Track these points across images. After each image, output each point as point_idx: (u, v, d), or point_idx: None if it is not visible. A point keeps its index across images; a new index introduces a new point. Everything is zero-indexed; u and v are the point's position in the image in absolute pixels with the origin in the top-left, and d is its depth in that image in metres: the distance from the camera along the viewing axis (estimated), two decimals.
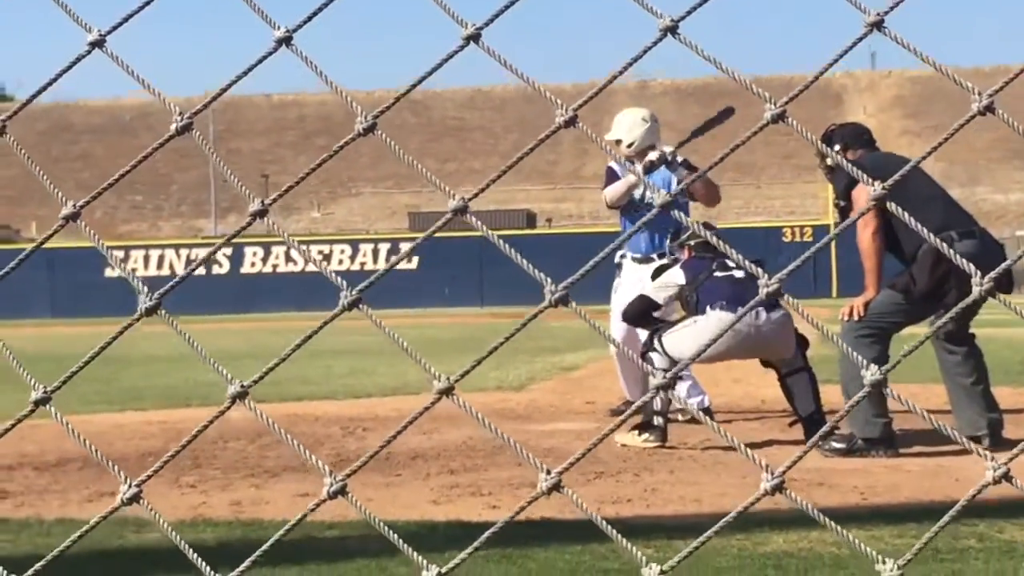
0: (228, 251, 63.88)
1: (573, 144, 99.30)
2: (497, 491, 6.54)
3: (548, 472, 1.63)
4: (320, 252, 63.55)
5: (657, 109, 10.27)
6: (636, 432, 8.17)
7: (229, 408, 1.75)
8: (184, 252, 65.10)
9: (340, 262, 63.68)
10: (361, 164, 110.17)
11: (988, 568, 4.69)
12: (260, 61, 1.98)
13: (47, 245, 2.29)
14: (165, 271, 64.06)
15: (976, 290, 1.57)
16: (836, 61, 1.74)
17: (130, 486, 1.71)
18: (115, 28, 2.03)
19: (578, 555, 4.87)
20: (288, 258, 62.44)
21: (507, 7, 1.89)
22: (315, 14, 1.98)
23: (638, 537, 5.11)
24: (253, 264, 63.10)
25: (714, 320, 8.09)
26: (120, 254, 62.63)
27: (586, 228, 51.17)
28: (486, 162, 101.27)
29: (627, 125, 9.77)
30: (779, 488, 1.55)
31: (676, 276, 8.51)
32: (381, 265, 63.65)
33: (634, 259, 9.85)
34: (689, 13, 1.75)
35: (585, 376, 13.76)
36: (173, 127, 1.88)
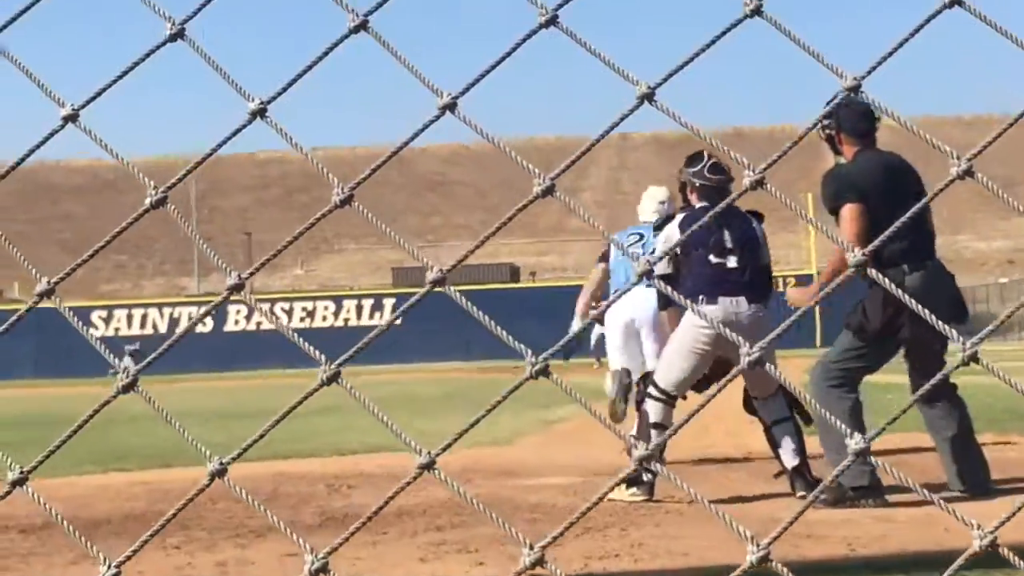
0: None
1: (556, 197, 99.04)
2: (484, 547, 6.51)
3: (531, 547, 1.62)
4: (304, 309, 63.60)
5: (638, 160, 10.48)
6: (623, 486, 8.15)
7: (208, 486, 1.75)
8: (167, 311, 65.03)
9: (324, 318, 63.61)
10: (344, 220, 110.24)
11: None
12: (235, 133, 1.99)
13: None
14: (148, 330, 63.92)
15: (960, 356, 1.57)
16: (811, 129, 1.75)
17: (109, 567, 1.71)
18: (89, 102, 2.03)
19: None
20: (272, 315, 62.44)
21: (483, 75, 1.91)
22: (290, 85, 1.99)
23: None
24: (237, 322, 63.03)
25: (695, 317, 8.10)
26: (103, 313, 62.55)
27: (570, 281, 51.31)
28: (470, 217, 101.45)
29: (644, 207, 10.94)
30: (765, 560, 1.54)
31: (673, 231, 8.38)
32: (365, 321, 63.58)
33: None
34: (665, 80, 1.77)
35: (572, 430, 13.74)
36: (148, 201, 1.89)
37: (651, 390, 8.22)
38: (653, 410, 8.21)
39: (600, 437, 12.48)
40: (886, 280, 1.69)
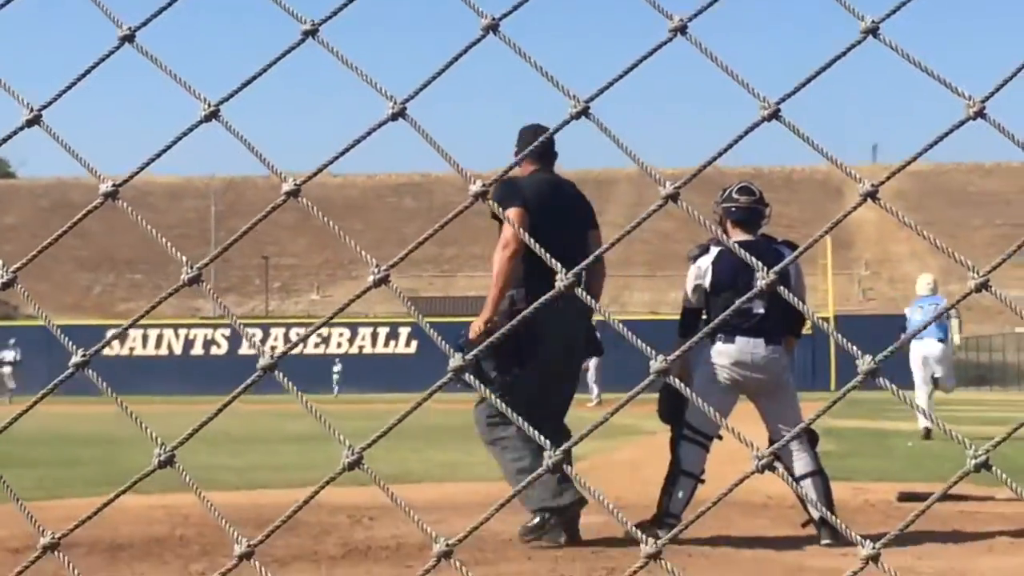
0: (227, 332, 63.88)
1: None
2: None
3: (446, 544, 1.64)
4: (319, 335, 63.62)
5: (656, 198, 10.31)
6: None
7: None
8: (183, 332, 65.13)
9: (339, 345, 63.67)
10: (360, 247, 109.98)
11: None
12: (190, 130, 2.01)
13: (43, 323, 2.31)
14: (163, 351, 64.08)
15: (863, 368, 1.57)
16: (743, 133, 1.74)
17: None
18: (50, 103, 2.05)
19: None
20: (286, 340, 62.41)
21: (431, 80, 1.92)
22: (240, 88, 2.00)
23: None
24: (252, 345, 63.08)
25: (713, 354, 8.15)
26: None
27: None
28: (486, 247, 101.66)
29: (920, 286, 16.76)
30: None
31: (705, 265, 8.37)
32: (380, 349, 63.66)
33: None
34: (600, 92, 1.77)
35: (590, 468, 13.69)
36: (101, 191, 1.93)
37: (684, 431, 8.19)
38: (686, 454, 8.16)
39: (620, 476, 12.44)
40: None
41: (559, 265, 1.85)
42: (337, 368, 58.92)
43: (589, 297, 1.95)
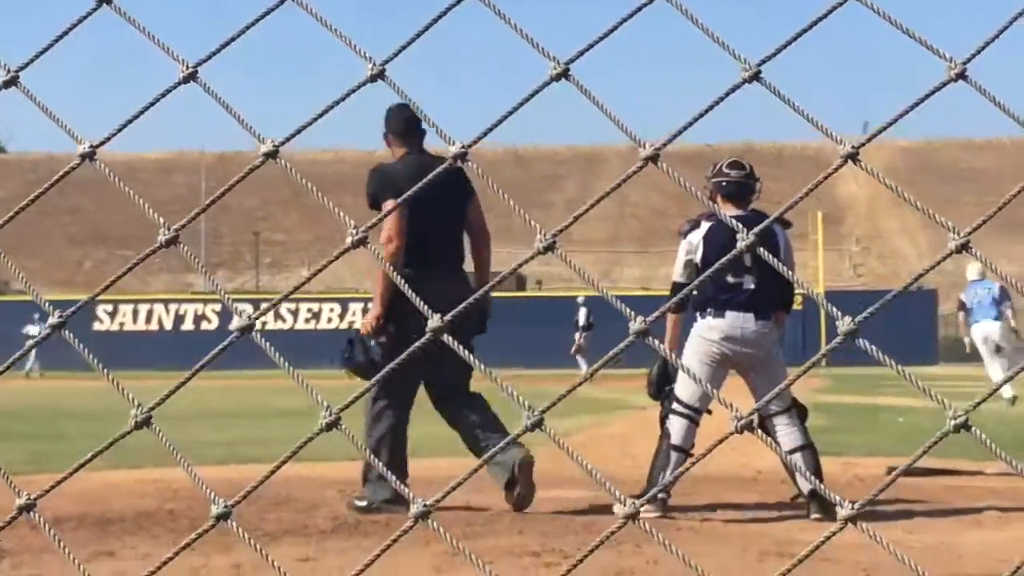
0: (217, 308, 63.75)
1: (564, 207, 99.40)
2: (498, 559, 6.49)
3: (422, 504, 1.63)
4: (309, 310, 63.50)
5: (647, 172, 10.25)
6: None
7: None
8: (173, 307, 64.94)
9: (329, 320, 63.53)
10: (344, 215, 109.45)
11: None
12: (168, 92, 2.00)
13: (32, 296, 2.30)
14: (154, 326, 63.87)
15: (842, 328, 1.56)
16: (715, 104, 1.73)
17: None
18: (27, 64, 2.05)
19: None
20: (277, 315, 62.32)
21: (410, 42, 1.91)
22: (219, 49, 1.99)
23: None
24: (237, 314, 62.89)
25: (703, 328, 8.16)
26: (109, 308, 62.48)
27: (574, 291, 51.13)
28: None
29: (970, 272, 16.26)
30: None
31: (696, 240, 8.38)
32: None
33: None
34: (580, 54, 1.76)
35: (580, 443, 13.70)
36: (79, 150, 1.91)
37: (674, 405, 8.19)
38: (676, 428, 8.16)
39: (610, 451, 12.45)
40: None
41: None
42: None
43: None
